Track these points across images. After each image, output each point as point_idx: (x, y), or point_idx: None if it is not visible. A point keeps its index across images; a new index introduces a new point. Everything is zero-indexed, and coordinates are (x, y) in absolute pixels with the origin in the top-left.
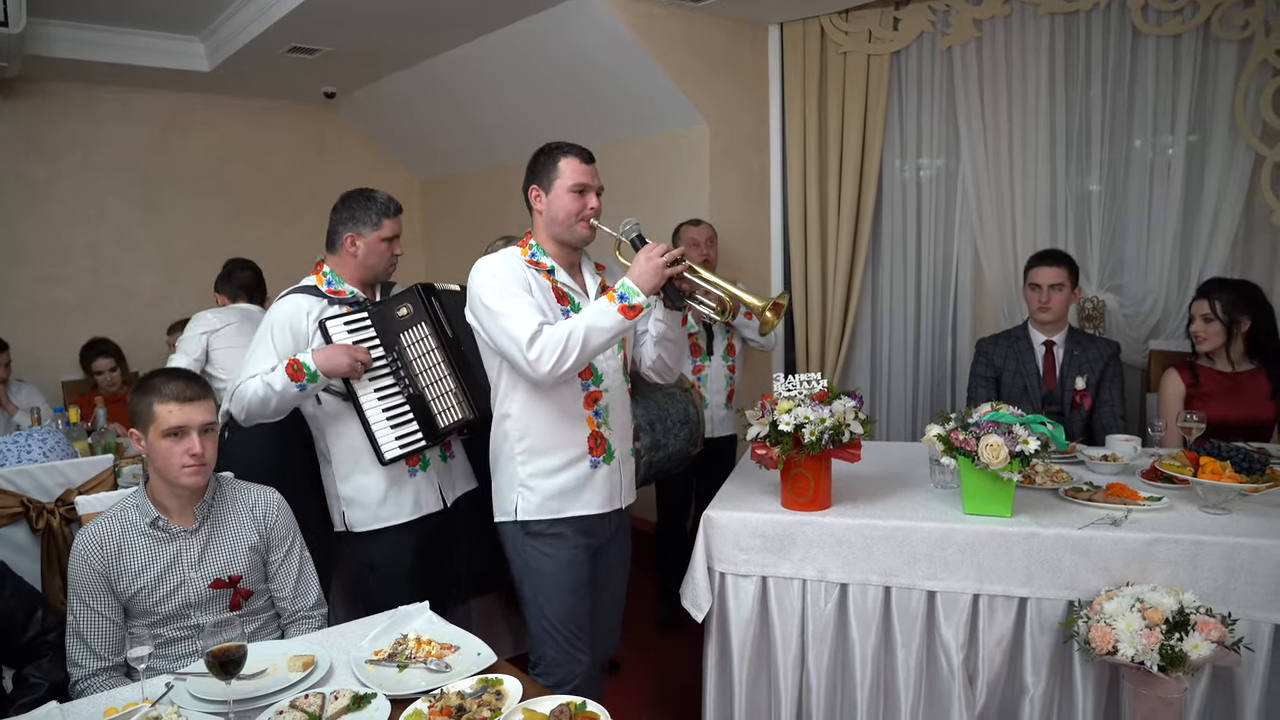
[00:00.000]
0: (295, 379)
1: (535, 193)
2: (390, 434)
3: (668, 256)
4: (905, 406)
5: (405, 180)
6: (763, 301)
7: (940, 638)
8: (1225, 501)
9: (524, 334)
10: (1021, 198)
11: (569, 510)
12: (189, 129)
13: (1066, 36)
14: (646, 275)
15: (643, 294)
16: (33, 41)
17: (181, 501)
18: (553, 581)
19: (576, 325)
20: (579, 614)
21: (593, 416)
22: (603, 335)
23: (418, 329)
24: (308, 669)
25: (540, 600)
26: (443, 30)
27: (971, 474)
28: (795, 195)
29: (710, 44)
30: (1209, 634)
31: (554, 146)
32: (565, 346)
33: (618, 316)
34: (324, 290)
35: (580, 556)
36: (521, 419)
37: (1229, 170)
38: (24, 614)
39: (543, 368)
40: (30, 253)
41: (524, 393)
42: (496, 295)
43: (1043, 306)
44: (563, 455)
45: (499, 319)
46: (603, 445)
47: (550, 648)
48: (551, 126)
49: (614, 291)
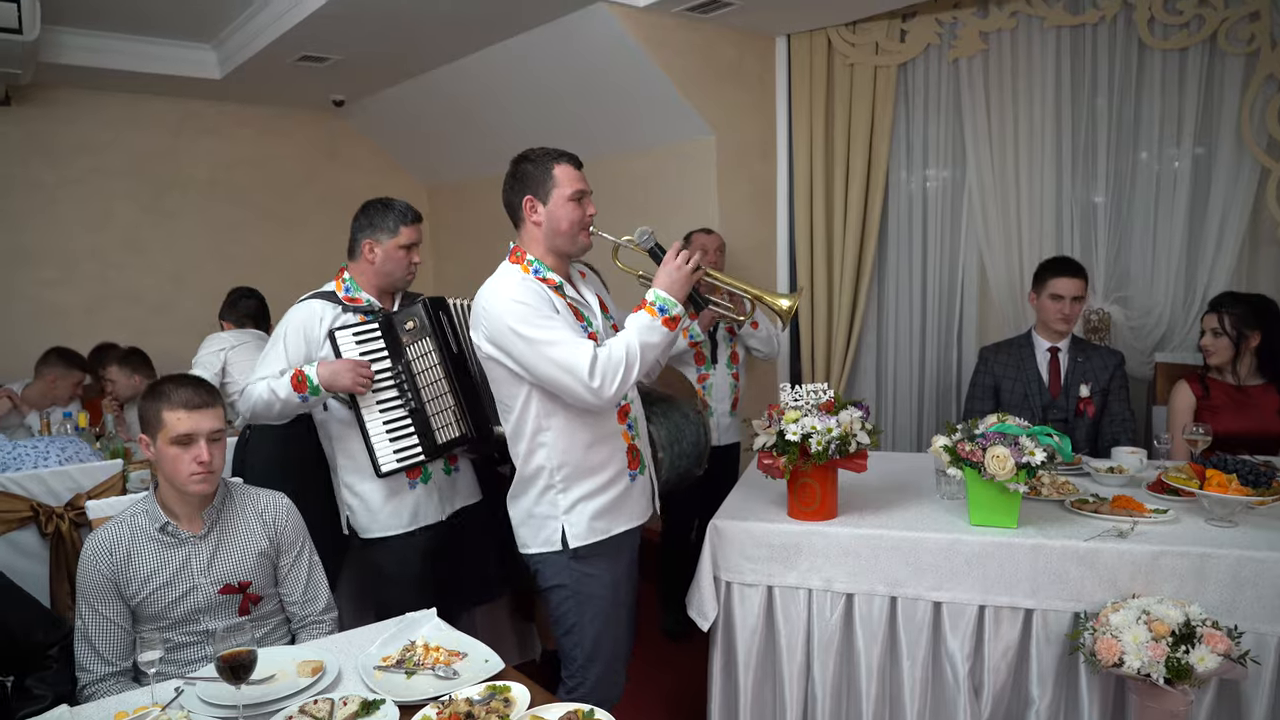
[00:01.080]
0: (298, 390)
1: (530, 204)
2: (389, 447)
3: (692, 263)
4: (911, 417)
5: (413, 188)
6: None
7: (946, 649)
8: (1232, 514)
9: (582, 361)
10: (1027, 209)
11: (615, 528)
12: (198, 135)
13: (1073, 49)
14: (678, 285)
15: (679, 304)
16: (46, 49)
17: (190, 507)
18: (602, 604)
19: (630, 344)
20: (624, 635)
21: (627, 430)
22: (654, 351)
23: (422, 343)
24: (317, 674)
25: (587, 624)
26: (451, 40)
27: (978, 485)
28: (802, 206)
29: (718, 55)
30: (1215, 647)
31: (541, 154)
32: (625, 367)
33: (664, 330)
34: (341, 297)
35: (623, 575)
36: (559, 446)
37: (1235, 183)
38: (25, 626)
39: (607, 392)
40: (37, 257)
41: (562, 419)
42: (532, 324)
43: (1066, 317)
44: (605, 474)
45: (543, 349)
46: (637, 457)
47: (594, 671)
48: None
49: (651, 305)
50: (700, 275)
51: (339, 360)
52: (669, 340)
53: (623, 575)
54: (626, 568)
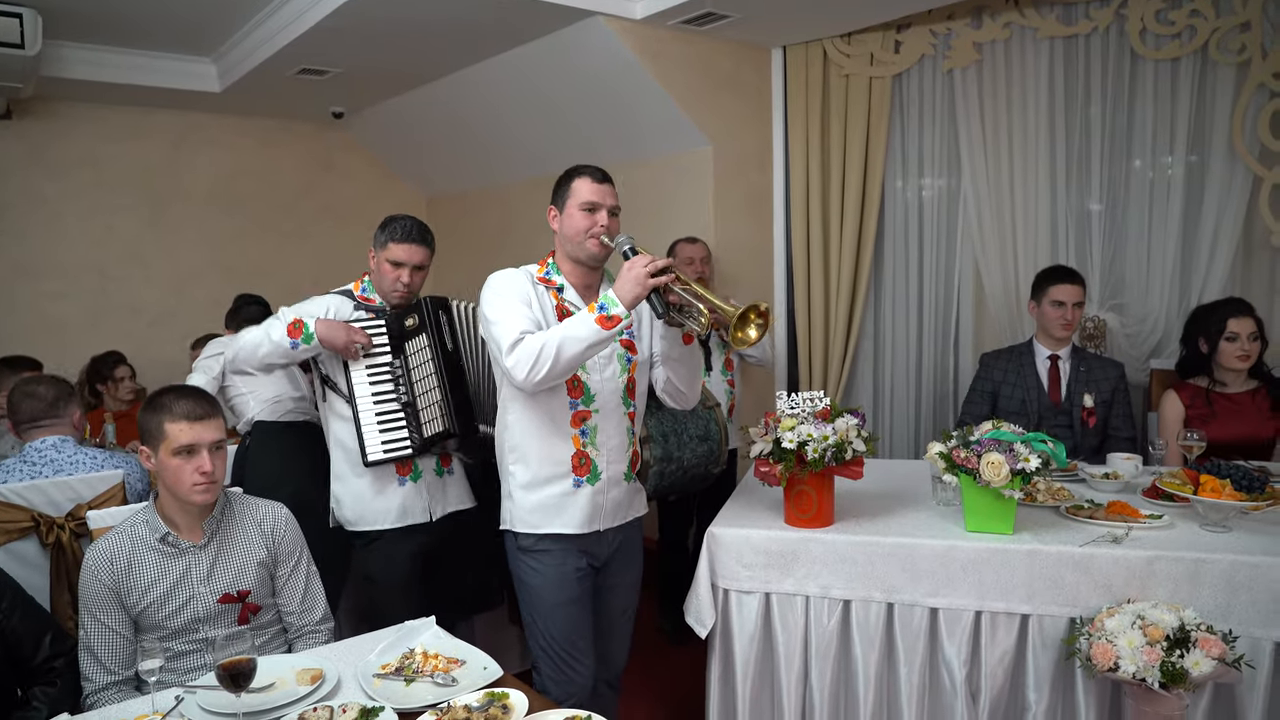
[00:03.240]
0: (292, 335)
1: (552, 212)
2: (378, 438)
3: (651, 267)
4: (908, 424)
5: (412, 199)
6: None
7: (943, 654)
8: (1226, 519)
9: (506, 341)
10: (1022, 218)
11: (546, 527)
12: (199, 148)
13: (1066, 59)
14: (627, 286)
15: (622, 305)
16: (48, 63)
17: (190, 517)
18: (541, 596)
19: (552, 335)
20: (571, 630)
21: (579, 435)
22: (578, 345)
23: (419, 339)
24: (316, 682)
25: (533, 615)
26: (450, 53)
27: (973, 491)
28: (798, 216)
29: (714, 67)
30: (1210, 651)
31: (573, 169)
32: (540, 355)
33: (594, 327)
34: (357, 296)
35: (570, 575)
36: (515, 429)
37: (1228, 191)
38: (33, 639)
39: (518, 374)
40: (38, 269)
41: (520, 404)
42: (492, 305)
43: (1068, 323)
44: (545, 470)
45: (490, 326)
46: (588, 465)
47: (545, 663)
48: (557, 148)
49: (594, 302)
50: (660, 281)
51: (339, 321)
52: (598, 337)
53: (571, 576)
54: (580, 570)
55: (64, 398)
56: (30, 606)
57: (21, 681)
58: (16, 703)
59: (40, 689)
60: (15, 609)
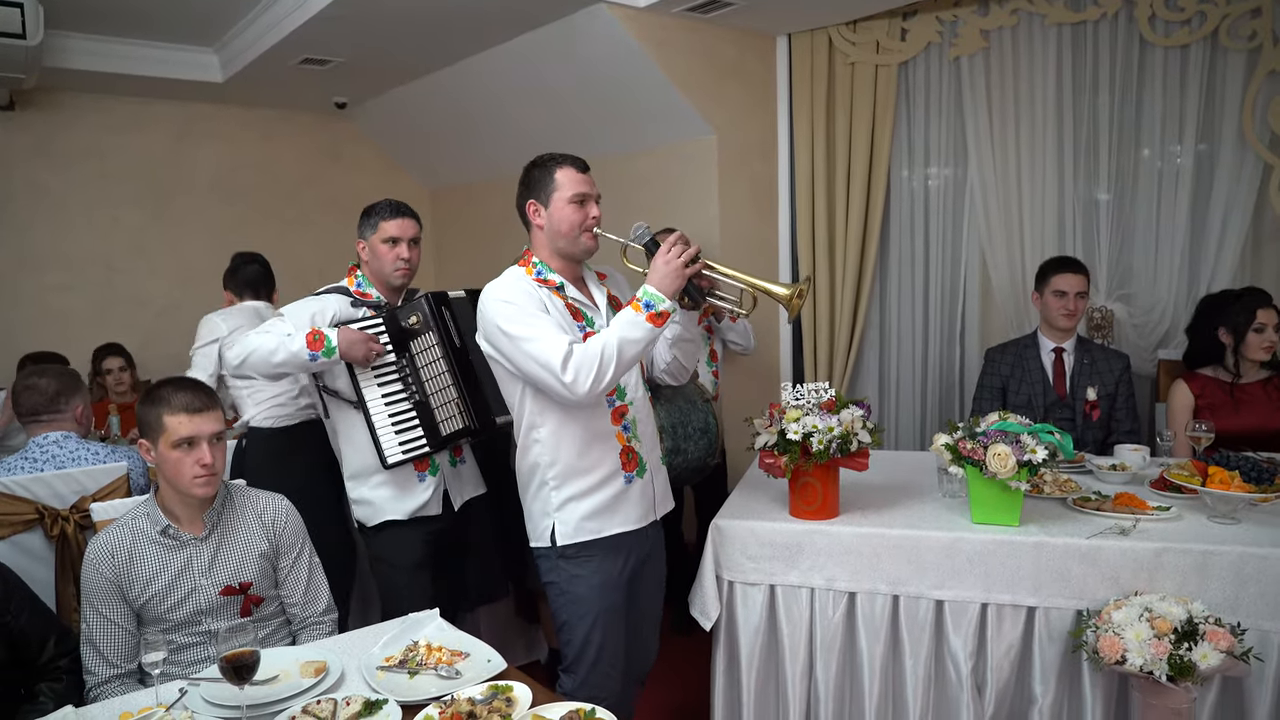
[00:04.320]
0: (313, 348)
1: (534, 208)
2: (394, 439)
3: (685, 256)
4: (913, 415)
5: (415, 189)
6: (788, 290)
7: (949, 647)
8: (1234, 511)
9: (556, 357)
10: (1030, 207)
11: (608, 529)
12: (202, 139)
13: (1074, 46)
14: (668, 279)
15: (668, 299)
16: (50, 53)
17: (191, 509)
18: (587, 605)
19: (609, 340)
20: (613, 637)
21: (622, 432)
22: (635, 347)
23: (425, 337)
24: (320, 675)
25: (575, 623)
26: (453, 42)
27: (979, 483)
28: (803, 205)
29: (719, 55)
30: (1218, 644)
31: (547, 158)
32: (600, 363)
33: (647, 326)
34: (353, 290)
35: (613, 579)
36: (551, 444)
37: (1237, 180)
38: (40, 639)
39: (581, 388)
40: (42, 261)
41: (554, 418)
42: (516, 321)
43: (1070, 313)
44: (597, 475)
45: (523, 345)
46: (635, 459)
47: (584, 669)
48: (561, 137)
49: (638, 301)
50: (697, 269)
51: (357, 331)
52: (652, 336)
53: (616, 578)
54: (623, 571)
55: (66, 392)
56: (38, 607)
57: (28, 680)
58: (23, 699)
59: (47, 685)
60: (23, 610)
